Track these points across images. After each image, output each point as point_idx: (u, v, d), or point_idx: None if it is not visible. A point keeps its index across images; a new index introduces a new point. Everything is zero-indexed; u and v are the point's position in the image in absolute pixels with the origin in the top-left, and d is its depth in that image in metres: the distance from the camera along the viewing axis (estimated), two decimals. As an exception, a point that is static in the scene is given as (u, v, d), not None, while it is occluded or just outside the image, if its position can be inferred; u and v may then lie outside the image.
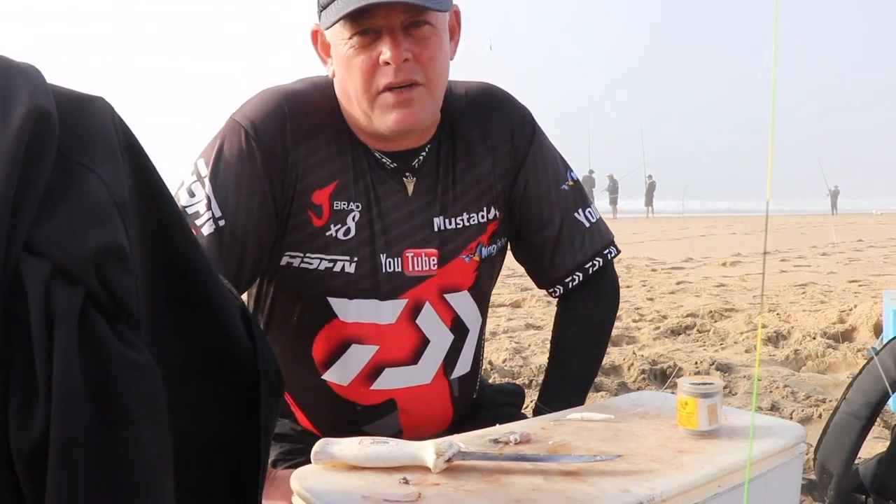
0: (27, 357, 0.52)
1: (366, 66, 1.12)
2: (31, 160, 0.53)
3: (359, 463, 0.94)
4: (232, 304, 0.71)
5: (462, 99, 1.29)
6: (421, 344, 1.24)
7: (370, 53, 1.12)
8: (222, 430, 0.70)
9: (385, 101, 1.13)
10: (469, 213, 1.25)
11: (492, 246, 1.30)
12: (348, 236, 1.18)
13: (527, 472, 0.94)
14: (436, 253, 1.22)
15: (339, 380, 1.24)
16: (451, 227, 1.24)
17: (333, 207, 1.18)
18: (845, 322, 4.60)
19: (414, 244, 1.21)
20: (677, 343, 4.42)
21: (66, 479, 0.51)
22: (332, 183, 1.18)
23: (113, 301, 0.56)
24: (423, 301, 1.23)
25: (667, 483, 0.91)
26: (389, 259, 1.20)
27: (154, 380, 0.57)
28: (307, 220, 1.17)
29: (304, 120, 1.17)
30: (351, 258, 1.18)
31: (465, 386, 1.31)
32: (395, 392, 1.24)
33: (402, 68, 1.11)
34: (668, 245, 12.78)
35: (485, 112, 1.29)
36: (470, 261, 1.26)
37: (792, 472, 1.10)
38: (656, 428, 1.12)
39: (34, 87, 0.56)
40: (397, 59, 1.10)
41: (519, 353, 4.02)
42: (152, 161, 0.65)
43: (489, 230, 1.28)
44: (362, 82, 1.13)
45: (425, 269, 1.22)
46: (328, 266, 1.18)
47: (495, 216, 1.29)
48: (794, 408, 3.02)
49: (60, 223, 0.54)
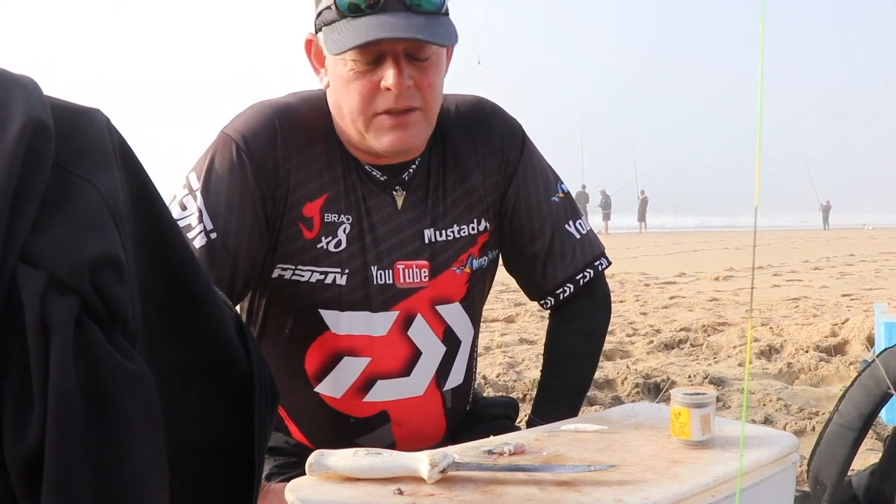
0: (23, 365, 0.52)
1: (366, 90, 1.12)
2: (28, 171, 0.54)
3: (353, 474, 0.94)
4: (226, 313, 0.71)
5: (452, 113, 1.30)
6: (413, 356, 1.24)
7: (371, 77, 1.12)
8: (219, 437, 0.70)
9: (381, 124, 1.14)
10: (459, 226, 1.26)
11: (483, 258, 1.30)
12: (339, 248, 1.19)
13: (521, 482, 0.94)
14: (427, 265, 1.23)
15: (331, 392, 1.24)
16: (441, 239, 1.24)
17: (324, 220, 1.18)
18: (838, 335, 4.62)
19: (405, 256, 1.22)
20: (671, 357, 4.42)
21: (61, 485, 0.51)
22: (322, 195, 1.18)
23: (108, 311, 0.56)
24: (415, 313, 1.23)
25: (660, 492, 0.91)
26: (381, 271, 1.20)
27: (149, 388, 0.57)
28: (298, 232, 1.18)
29: (294, 133, 1.18)
30: (342, 270, 1.18)
31: (458, 398, 1.32)
32: (388, 404, 1.24)
33: (403, 94, 1.12)
34: (661, 260, 12.82)
35: (475, 125, 1.30)
36: (461, 273, 1.27)
37: (785, 482, 1.10)
38: (650, 438, 1.13)
39: (31, 99, 0.57)
40: (400, 87, 1.11)
41: (513, 367, 4.02)
42: (147, 171, 0.65)
43: (480, 242, 1.29)
44: (360, 104, 1.13)
45: (416, 281, 1.22)
46: (319, 278, 1.18)
47: (486, 228, 1.29)
48: (787, 420, 3.02)
49: (57, 234, 0.55)
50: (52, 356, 0.52)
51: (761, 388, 3.51)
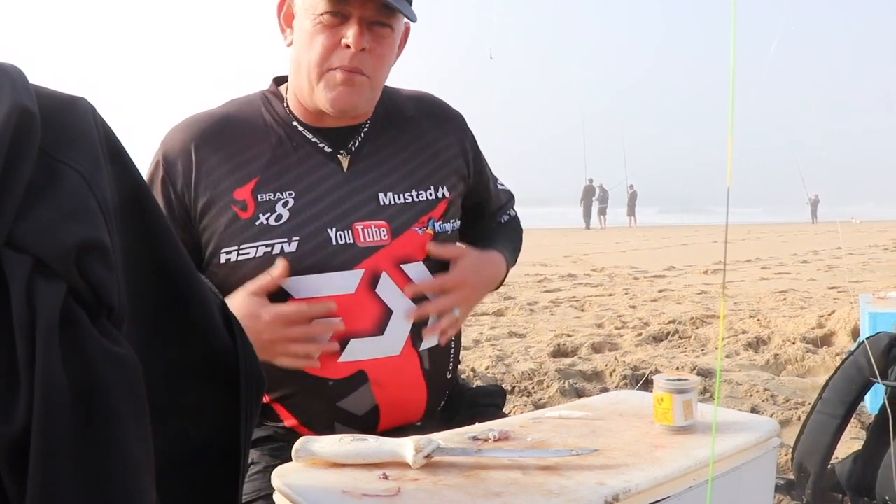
0: (9, 350, 0.53)
1: (327, 44, 1.25)
2: (14, 158, 0.54)
3: (339, 460, 0.95)
4: (213, 301, 0.72)
5: (404, 95, 1.46)
6: (384, 314, 1.29)
7: (333, 33, 1.25)
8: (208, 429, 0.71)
9: (332, 78, 1.27)
10: (417, 191, 1.36)
11: (446, 224, 1.39)
12: (281, 221, 1.27)
13: (505, 466, 0.96)
14: (385, 225, 1.31)
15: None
16: (398, 202, 1.34)
17: (258, 199, 1.28)
18: (824, 327, 4.66)
19: (362, 217, 1.30)
20: (659, 349, 4.46)
21: (48, 469, 0.52)
22: (251, 180, 1.29)
23: (94, 295, 0.57)
24: (380, 271, 1.29)
25: (642, 476, 0.92)
26: (340, 232, 1.28)
27: (135, 372, 0.58)
28: (233, 215, 1.27)
29: (212, 137, 1.31)
30: (289, 238, 1.27)
31: (436, 359, 1.35)
32: (365, 364, 1.28)
33: (356, 56, 1.25)
34: (650, 254, 12.87)
35: (433, 108, 1.47)
36: (423, 233, 1.34)
37: (766, 466, 1.12)
38: (633, 424, 1.14)
39: (17, 87, 0.57)
40: (358, 46, 1.24)
41: (502, 360, 4.03)
42: (133, 160, 0.66)
43: (440, 207, 1.38)
44: (319, 56, 1.26)
45: (377, 240, 1.30)
46: (266, 251, 1.26)
47: (444, 196, 1.39)
48: (773, 410, 3.05)
49: (42, 219, 0.55)
50: (38, 340, 0.52)
51: (748, 380, 3.54)
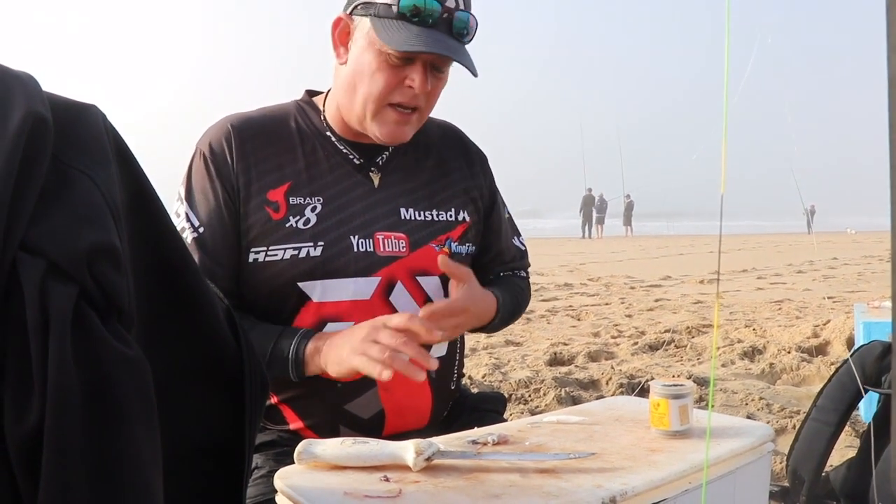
0: (23, 351, 0.54)
1: (391, 81, 1.29)
2: (28, 163, 0.56)
3: (341, 462, 0.96)
4: (218, 305, 0.73)
5: (434, 125, 1.52)
6: None
7: (397, 73, 1.29)
8: (214, 431, 0.72)
9: (388, 115, 1.32)
10: (438, 211, 1.42)
11: (461, 246, 1.43)
12: (308, 225, 1.31)
13: (504, 469, 0.97)
14: (404, 237, 1.36)
15: None
16: (419, 218, 1.39)
17: (290, 202, 1.32)
18: (819, 336, 4.68)
19: (383, 228, 1.35)
20: (655, 358, 4.47)
21: (60, 467, 0.53)
22: (284, 184, 1.33)
23: (105, 298, 0.58)
24: (396, 280, 1.34)
25: (639, 479, 0.94)
26: (362, 240, 1.33)
27: (144, 374, 0.59)
28: (266, 215, 1.31)
29: (250, 137, 1.35)
30: (315, 243, 1.31)
31: (441, 369, 1.38)
32: None
33: (417, 96, 1.30)
34: (646, 263, 12.89)
35: (458, 140, 1.55)
36: (440, 250, 1.39)
37: (760, 471, 1.14)
38: (630, 429, 1.16)
39: (31, 94, 0.59)
40: (422, 89, 1.29)
41: (498, 368, 4.04)
42: (141, 166, 0.68)
43: (459, 230, 1.43)
44: (380, 92, 1.30)
45: (396, 251, 1.35)
46: (293, 254, 1.30)
47: (464, 219, 1.44)
48: (769, 419, 3.07)
49: (55, 223, 0.57)
50: (51, 342, 0.54)
51: (744, 388, 3.55)
